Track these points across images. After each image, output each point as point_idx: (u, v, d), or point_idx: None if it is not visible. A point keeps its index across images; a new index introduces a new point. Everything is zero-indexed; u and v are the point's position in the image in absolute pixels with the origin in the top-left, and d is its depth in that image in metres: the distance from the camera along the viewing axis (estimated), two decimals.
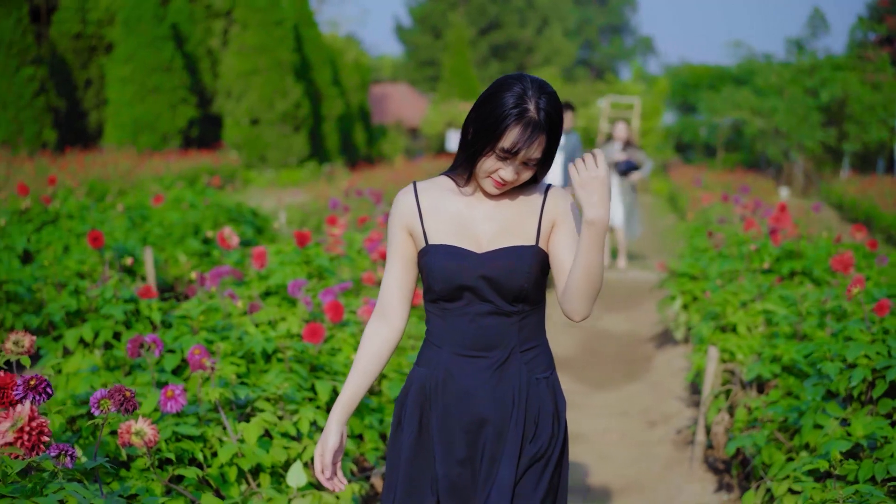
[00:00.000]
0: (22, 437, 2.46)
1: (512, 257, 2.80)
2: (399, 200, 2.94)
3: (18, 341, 3.55)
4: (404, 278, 2.94)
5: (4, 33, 25.57)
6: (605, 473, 6.18)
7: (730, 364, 5.95)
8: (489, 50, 56.16)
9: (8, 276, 7.31)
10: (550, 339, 8.86)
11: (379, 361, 2.96)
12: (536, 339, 2.91)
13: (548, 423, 2.87)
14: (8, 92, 25.49)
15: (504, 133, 2.69)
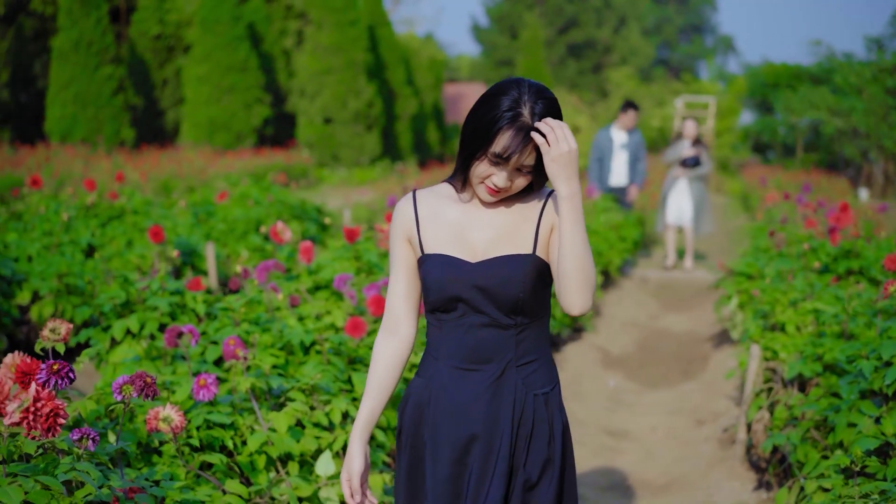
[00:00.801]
0: (28, 417, 2.53)
1: (506, 266, 2.71)
2: (398, 209, 2.86)
3: (55, 329, 3.65)
4: (409, 288, 2.86)
5: (85, 33, 26.08)
6: (650, 471, 6.17)
7: (772, 362, 5.91)
8: (566, 49, 55.97)
9: (69, 269, 7.48)
10: (609, 337, 8.85)
11: (393, 375, 2.90)
12: (536, 352, 2.78)
13: (542, 444, 2.76)
14: (87, 91, 26.00)
15: (496, 137, 2.60)
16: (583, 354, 8.85)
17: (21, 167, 18.49)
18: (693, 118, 13.62)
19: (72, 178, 16.02)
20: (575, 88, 51.32)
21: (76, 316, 6.83)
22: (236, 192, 12.31)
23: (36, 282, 7.44)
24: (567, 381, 7.99)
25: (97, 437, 3.12)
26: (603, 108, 42.14)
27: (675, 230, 13.83)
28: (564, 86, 50.54)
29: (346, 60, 28.80)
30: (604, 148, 13.30)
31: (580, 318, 2.76)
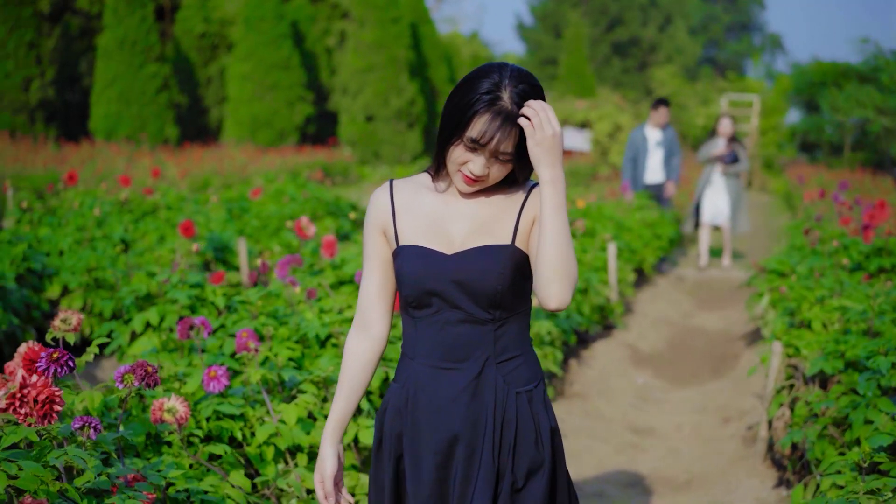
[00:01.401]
0: (14, 403, 2.56)
1: (483, 258, 2.57)
2: (374, 199, 2.73)
3: (66, 319, 3.69)
4: (383, 284, 2.73)
5: (130, 31, 26.33)
6: (672, 468, 6.14)
7: (794, 359, 5.85)
8: (611, 48, 55.75)
9: (98, 264, 7.55)
10: (640, 334, 8.81)
11: (365, 375, 2.78)
12: (517, 348, 2.65)
13: (529, 444, 2.62)
14: (132, 89, 26.25)
15: (472, 121, 2.48)
16: (612, 352, 8.81)
17: (65, 164, 18.68)
18: (728, 115, 13.49)
19: (114, 175, 16.18)
20: (619, 87, 51.10)
21: (105, 309, 6.92)
22: (272, 188, 12.38)
23: (66, 276, 7.52)
24: (594, 378, 7.96)
25: (98, 425, 3.14)
26: (646, 106, 41.93)
27: (709, 229, 13.72)
28: (608, 84, 50.33)
29: (388, 58, 28.85)
30: (638, 146, 13.21)
31: (557, 313, 2.58)
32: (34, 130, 25.37)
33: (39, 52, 26.14)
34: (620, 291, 10.26)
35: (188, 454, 3.68)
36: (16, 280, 7.21)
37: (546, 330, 6.93)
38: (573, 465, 6.02)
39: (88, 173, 16.36)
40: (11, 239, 7.68)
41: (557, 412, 6.99)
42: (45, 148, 21.93)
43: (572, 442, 6.43)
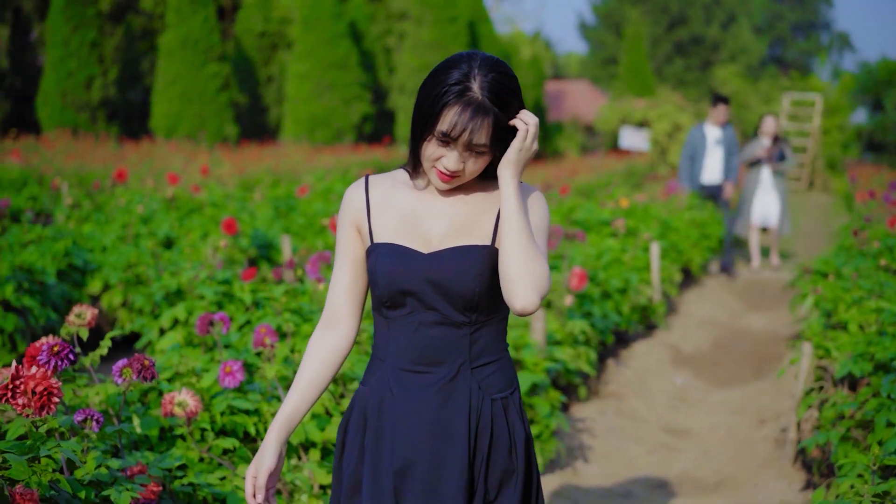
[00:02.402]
0: (6, 394, 2.60)
1: (461, 258, 2.47)
2: (348, 195, 2.63)
3: (80, 314, 3.76)
4: (353, 282, 2.63)
5: (192, 31, 26.62)
6: (703, 469, 6.09)
7: (824, 361, 5.78)
8: (673, 47, 55.36)
9: (138, 260, 7.65)
10: (683, 335, 8.76)
11: (325, 374, 2.63)
12: (493, 353, 2.55)
13: (503, 453, 2.53)
14: (192, 87, 26.54)
15: (441, 114, 2.38)
16: (651, 352, 8.76)
17: (123, 162, 18.93)
18: (771, 114, 13.33)
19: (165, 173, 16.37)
20: (681, 86, 50.70)
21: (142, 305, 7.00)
22: (320, 186, 12.45)
23: (107, 272, 7.63)
24: (631, 378, 7.92)
25: (101, 418, 3.19)
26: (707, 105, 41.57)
27: (758, 231, 13.57)
28: (670, 83, 49.96)
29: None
30: (697, 145, 12.99)
31: (524, 316, 2.33)
32: (96, 128, 25.72)
33: (102, 52, 26.49)
34: (664, 291, 10.19)
35: (197, 448, 3.72)
36: (57, 275, 7.32)
37: (580, 329, 6.90)
38: (603, 465, 6.01)
39: (146, 171, 16.56)
40: (55, 235, 7.79)
41: (590, 412, 6.98)
42: (105, 146, 22.23)
43: (602, 442, 6.41)
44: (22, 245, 7.32)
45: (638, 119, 30.96)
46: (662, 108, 30.10)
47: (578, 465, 5.93)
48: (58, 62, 25.79)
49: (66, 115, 25.72)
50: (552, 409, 5.50)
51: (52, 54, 25.86)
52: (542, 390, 5.57)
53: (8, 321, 6.02)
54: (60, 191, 10.90)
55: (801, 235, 18.28)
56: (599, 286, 8.12)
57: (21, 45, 31.23)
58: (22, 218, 8.89)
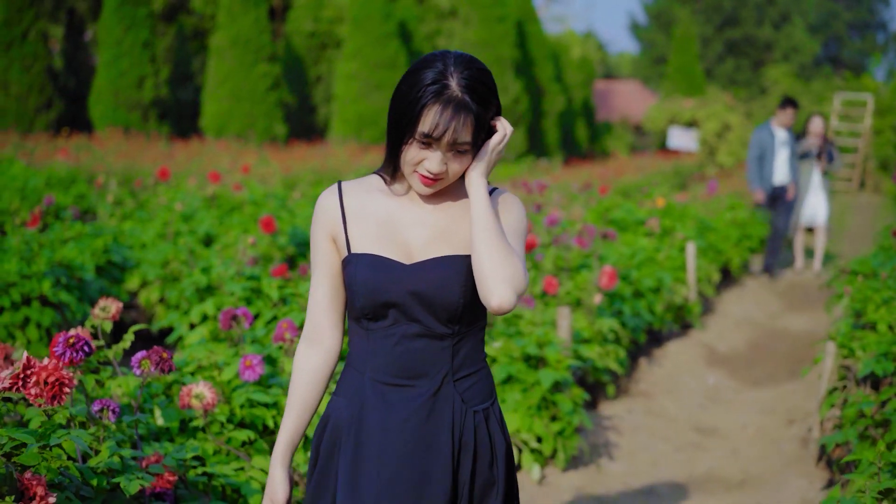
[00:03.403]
0: (17, 383, 2.70)
1: (444, 269, 2.42)
2: (321, 203, 2.55)
3: (105, 308, 3.87)
4: (333, 295, 2.55)
5: (242, 31, 26.88)
6: (730, 468, 6.11)
7: (848, 361, 5.78)
8: (724, 47, 55.02)
9: (175, 257, 7.78)
10: (719, 335, 8.76)
11: (317, 391, 2.58)
12: (474, 364, 2.51)
13: (484, 467, 2.50)
14: (242, 87, 26.80)
15: (421, 114, 2.33)
16: (685, 351, 8.77)
17: (172, 161, 19.16)
18: (819, 114, 13.22)
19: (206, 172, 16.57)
20: (733, 86, 50.38)
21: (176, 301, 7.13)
22: None
23: (145, 268, 7.76)
24: (662, 377, 7.94)
25: (117, 408, 3.29)
26: (758, 105, 41.32)
27: (804, 232, 13.47)
28: (722, 83, 49.67)
29: (493, 57, 28.90)
30: (766, 145, 12.73)
31: (501, 314, 2.25)
32: (147, 127, 26.03)
33: (154, 51, 26.80)
34: (700, 291, 10.18)
35: (213, 439, 3.81)
36: (96, 271, 7.47)
37: (608, 327, 6.94)
38: (628, 462, 6.05)
39: (193, 170, 16.76)
40: (95, 232, 7.94)
41: (618, 410, 7.01)
42: (155, 145, 22.51)
43: (629, 440, 6.44)
44: (62, 242, 7.47)
45: (686, 119, 30.82)
46: (711, 108, 29.94)
47: (603, 462, 5.97)
48: (110, 62, 26.13)
49: (119, 115, 26.05)
50: (575, 407, 5.55)
51: (105, 54, 26.20)
52: (566, 387, 5.62)
53: (45, 315, 6.16)
54: (106, 188, 11.09)
55: (849, 236, 18.13)
56: (632, 285, 8.15)
57: (75, 45, 31.66)
58: (63, 215, 9.07)
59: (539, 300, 7.13)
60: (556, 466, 5.63)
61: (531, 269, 7.74)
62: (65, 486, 2.86)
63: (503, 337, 5.78)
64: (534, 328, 6.06)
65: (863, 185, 30.11)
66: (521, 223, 2.52)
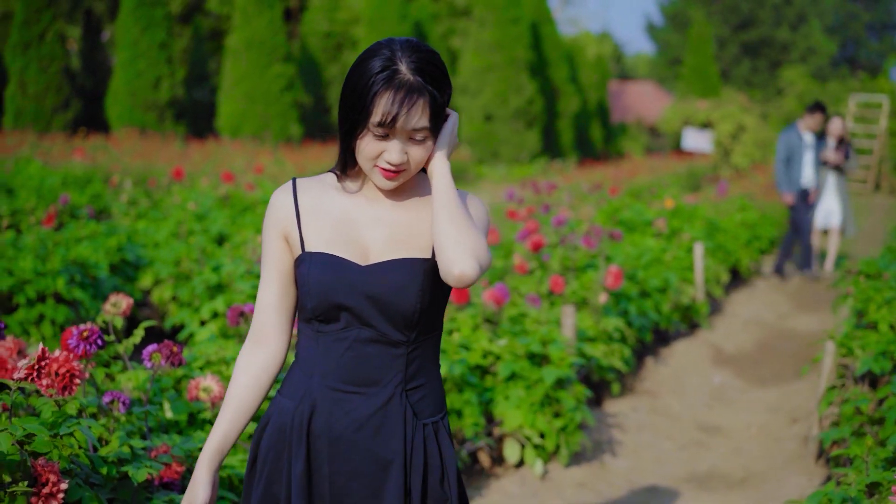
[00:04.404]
0: (32, 373, 2.81)
1: (401, 272, 2.33)
2: (274, 201, 2.44)
3: (116, 303, 3.99)
4: (282, 296, 2.44)
5: (257, 32, 27.05)
6: (731, 465, 6.20)
7: (847, 359, 5.87)
8: (741, 48, 54.96)
9: (187, 256, 7.91)
10: (726, 335, 8.84)
11: (257, 394, 2.45)
12: (428, 374, 2.42)
13: (435, 483, 2.41)
14: (257, 88, 26.97)
15: (374, 104, 2.23)
16: (692, 351, 8.85)
17: (187, 161, 19.33)
18: (839, 115, 13.24)
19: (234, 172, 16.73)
20: (749, 87, 50.36)
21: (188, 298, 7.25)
22: None
23: (158, 267, 7.89)
24: (668, 376, 8.03)
25: (127, 400, 3.40)
26: (774, 107, 41.28)
27: (819, 235, 13.49)
28: (738, 84, 49.64)
29: (508, 58, 29.01)
30: (793, 148, 12.65)
31: (463, 286, 2.13)
32: (163, 128, 26.21)
33: (170, 52, 26.99)
34: (708, 292, 10.26)
35: None
36: (110, 270, 7.60)
37: (614, 326, 7.04)
38: (631, 459, 6.14)
39: (208, 170, 16.91)
40: (109, 231, 8.08)
41: (622, 408, 7.11)
42: (171, 145, 22.69)
43: (633, 437, 6.54)
44: (77, 240, 7.61)
45: (701, 120, 30.85)
46: (726, 109, 29.96)
47: (606, 458, 6.07)
48: (127, 62, 26.32)
49: (135, 115, 26.24)
50: (577, 404, 5.65)
51: (122, 55, 26.40)
52: (569, 384, 5.72)
53: (59, 312, 6.29)
54: (120, 188, 11.24)
55: (862, 238, 18.16)
56: (638, 285, 8.24)
57: (92, 45, 31.88)
58: (78, 214, 9.21)
59: (545, 299, 7.24)
60: (559, 462, 5.73)
61: (538, 269, 7.84)
62: (75, 473, 2.97)
63: (508, 335, 5.88)
64: (539, 326, 6.16)
65: (878, 187, 30.08)
66: (482, 218, 2.42)
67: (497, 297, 5.85)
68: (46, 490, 2.65)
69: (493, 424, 5.53)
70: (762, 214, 13.10)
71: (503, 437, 5.59)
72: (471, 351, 5.59)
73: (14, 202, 9.44)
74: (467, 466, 5.43)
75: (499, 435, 5.60)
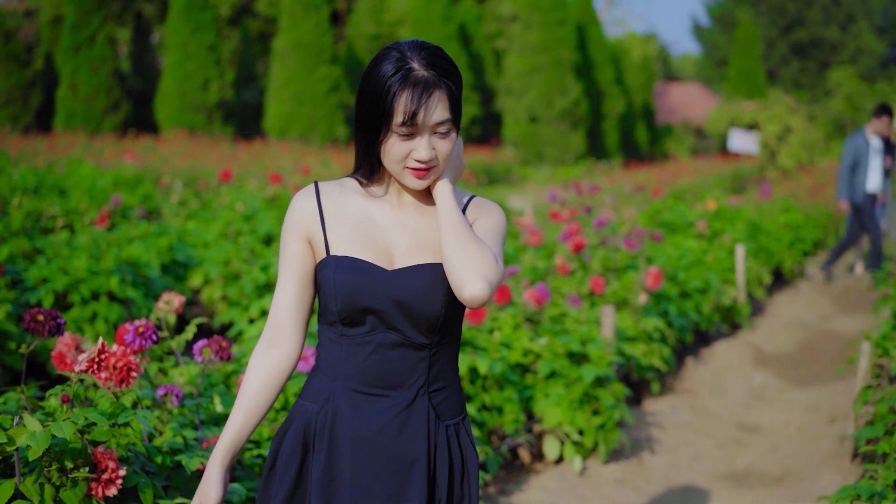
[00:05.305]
0: (92, 366, 2.97)
1: (426, 277, 2.35)
2: (297, 203, 2.44)
3: (169, 301, 4.15)
4: (300, 297, 2.44)
5: (304, 35, 27.30)
6: (768, 464, 6.28)
7: (882, 360, 5.94)
8: (789, 49, 54.60)
9: (236, 255, 8.09)
10: (767, 336, 8.90)
11: (270, 394, 2.46)
12: (449, 377, 2.45)
13: (455, 484, 2.44)
14: (304, 90, 27.22)
15: (394, 104, 2.27)
16: (732, 352, 8.92)
17: (235, 162, 19.57)
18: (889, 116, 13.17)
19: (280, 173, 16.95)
20: (798, 88, 50.05)
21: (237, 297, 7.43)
22: None
23: (208, 267, 8.07)
24: (708, 376, 8.11)
25: (180, 393, 3.56)
26: (821, 108, 41.01)
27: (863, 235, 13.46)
28: (786, 85, 49.33)
29: (553, 59, 29.09)
30: (860, 153, 12.52)
31: (475, 307, 2.13)
32: (212, 129, 26.53)
33: (219, 54, 27.32)
34: (750, 293, 10.32)
35: (268, 424, 4.08)
36: (161, 269, 7.80)
37: (653, 326, 7.14)
38: (669, 457, 6.24)
39: (256, 171, 17.14)
40: (160, 231, 8.28)
41: (661, 406, 7.20)
42: (219, 146, 22.96)
43: (671, 435, 6.63)
44: (129, 240, 7.81)
45: (747, 121, 30.74)
46: (772, 111, 29.84)
47: (644, 456, 6.17)
48: (176, 64, 26.69)
49: (184, 116, 26.59)
50: (616, 402, 5.76)
51: (171, 57, 26.76)
52: (607, 383, 5.83)
53: (112, 311, 6.48)
54: (171, 189, 11.46)
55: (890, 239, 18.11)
56: (678, 286, 8.33)
57: (142, 47, 32.30)
58: (130, 215, 9.42)
59: (586, 300, 7.35)
60: (598, 459, 5.84)
61: (579, 269, 7.95)
62: (132, 461, 3.13)
63: (548, 334, 6.01)
64: (579, 326, 6.28)
65: None
66: (498, 224, 2.45)
67: (538, 296, 5.97)
68: (106, 476, 2.81)
69: (532, 421, 5.66)
70: (806, 216, 13.11)
71: (543, 433, 5.71)
72: (511, 349, 5.72)
73: (67, 203, 9.67)
74: (507, 462, 5.57)
75: (538, 432, 5.72)
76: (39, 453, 2.59)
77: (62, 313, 6.50)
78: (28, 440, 2.60)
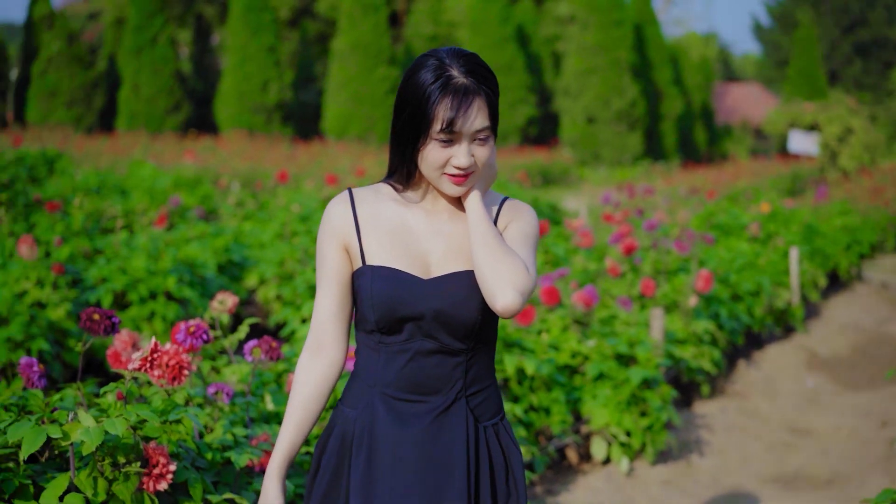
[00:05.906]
0: (145, 364, 3.08)
1: (462, 285, 2.36)
2: (331, 211, 2.44)
3: (223, 301, 4.25)
4: (341, 306, 2.45)
5: (363, 36, 27.50)
6: (818, 466, 6.28)
7: None
8: (852, 49, 53.96)
9: (290, 256, 8.21)
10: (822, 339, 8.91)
11: (319, 403, 2.48)
12: (486, 379, 2.46)
13: (501, 482, 2.45)
14: (362, 90, 27.40)
15: (434, 111, 2.27)
16: (785, 355, 8.90)
17: (293, 162, 19.75)
18: None
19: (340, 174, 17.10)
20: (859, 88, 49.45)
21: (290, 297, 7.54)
22: None
23: (263, 267, 8.20)
24: (759, 378, 8.10)
25: (230, 391, 3.67)
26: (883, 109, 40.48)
27: None
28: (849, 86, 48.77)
29: (611, 60, 29.03)
30: None
31: (507, 317, 2.18)
32: (271, 129, 26.79)
33: (278, 56, 27.58)
34: (804, 296, 10.28)
35: (318, 423, 4.17)
36: (217, 269, 7.94)
37: (703, 329, 7.16)
38: (717, 459, 6.26)
39: (314, 171, 17.29)
40: (216, 232, 8.42)
41: (711, 409, 7.22)
42: (278, 147, 23.18)
43: (720, 437, 6.65)
44: (186, 241, 7.95)
45: (807, 122, 30.47)
46: (833, 112, 29.56)
47: (693, 458, 6.20)
48: (236, 66, 26.99)
49: (244, 117, 26.88)
50: (663, 403, 5.79)
51: (232, 58, 27.07)
52: (655, 385, 5.87)
53: (169, 310, 6.62)
54: (228, 190, 11.62)
55: None
56: (730, 288, 8.33)
57: (202, 49, 32.68)
58: (188, 215, 9.58)
59: (636, 302, 7.38)
60: (645, 460, 5.88)
61: (630, 272, 7.98)
62: (183, 457, 3.23)
63: (597, 336, 6.06)
64: (628, 328, 6.32)
65: None
66: (529, 226, 2.45)
67: (586, 299, 6.02)
68: (157, 471, 2.91)
69: (580, 422, 5.71)
70: (864, 219, 13.01)
71: (590, 434, 5.77)
72: (559, 351, 5.78)
73: (127, 203, 9.84)
74: (555, 462, 5.64)
75: (586, 433, 5.77)
76: (93, 448, 2.69)
77: (121, 312, 6.64)
78: (82, 435, 2.70)
